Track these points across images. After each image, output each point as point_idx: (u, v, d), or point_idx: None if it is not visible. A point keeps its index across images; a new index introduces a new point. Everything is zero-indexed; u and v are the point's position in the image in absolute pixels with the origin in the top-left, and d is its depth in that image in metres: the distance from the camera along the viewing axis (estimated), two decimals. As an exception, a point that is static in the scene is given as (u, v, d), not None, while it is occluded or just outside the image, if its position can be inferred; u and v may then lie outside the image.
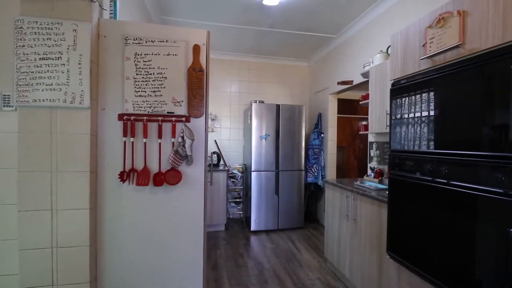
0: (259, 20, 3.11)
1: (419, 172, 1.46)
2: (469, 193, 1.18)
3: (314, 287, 2.33)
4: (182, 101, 1.61)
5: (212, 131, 4.18)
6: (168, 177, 1.58)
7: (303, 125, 3.82)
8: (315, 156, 3.94)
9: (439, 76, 1.36)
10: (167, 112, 1.60)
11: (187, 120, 1.61)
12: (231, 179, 4.01)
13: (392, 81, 1.73)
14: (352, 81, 3.27)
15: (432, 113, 1.39)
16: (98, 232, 1.54)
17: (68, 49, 1.44)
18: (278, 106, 3.69)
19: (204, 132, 1.67)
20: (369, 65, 2.59)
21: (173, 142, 1.59)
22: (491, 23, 1.14)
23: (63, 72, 1.44)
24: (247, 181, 3.87)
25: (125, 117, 1.54)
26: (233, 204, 4.11)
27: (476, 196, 1.15)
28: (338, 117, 4.52)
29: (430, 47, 1.43)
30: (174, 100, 1.61)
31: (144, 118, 1.55)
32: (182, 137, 1.55)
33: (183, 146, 1.55)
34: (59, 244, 1.43)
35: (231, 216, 4.17)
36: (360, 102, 2.73)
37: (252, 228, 3.63)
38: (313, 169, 3.93)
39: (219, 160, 3.87)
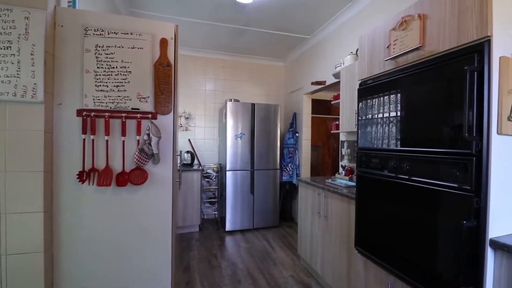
0: (233, 17, 3.08)
1: (384, 169, 1.52)
2: (428, 188, 1.24)
3: (287, 284, 2.35)
4: (148, 97, 1.54)
5: (186, 130, 4.07)
6: (133, 177, 1.50)
7: (278, 124, 3.85)
8: (290, 155, 3.98)
9: (402, 76, 1.41)
10: (132, 108, 1.52)
11: (154, 117, 1.54)
12: (206, 179, 3.94)
13: (360, 81, 1.78)
14: (325, 81, 3.34)
15: (395, 113, 1.44)
16: (54, 236, 1.43)
17: (19, 38, 1.32)
18: (253, 105, 3.68)
19: (172, 129, 1.60)
20: (340, 66, 2.65)
21: (138, 140, 1.51)
22: (448, 26, 1.20)
23: (12, 63, 1.32)
24: (222, 181, 3.82)
25: (84, 113, 1.44)
26: (208, 205, 4.03)
27: (434, 190, 1.21)
28: (313, 117, 4.60)
29: (394, 48, 1.49)
30: (140, 95, 1.53)
31: (106, 114, 1.46)
32: (148, 135, 1.48)
33: (149, 144, 1.48)
34: (9, 251, 1.31)
35: (205, 217, 4.10)
36: (332, 102, 2.79)
37: (227, 228, 3.59)
38: (288, 168, 3.96)
39: (193, 159, 3.78)
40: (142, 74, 1.54)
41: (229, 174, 3.58)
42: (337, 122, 2.67)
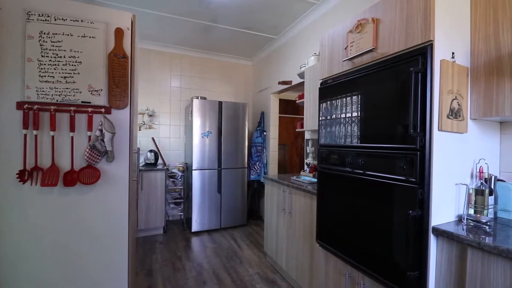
0: (199, 12, 3.01)
1: (342, 164, 1.58)
2: (380, 181, 1.32)
3: (253, 282, 2.35)
4: (101, 89, 1.44)
5: (150, 128, 3.89)
6: (83, 176, 1.39)
7: (247, 123, 3.85)
8: (258, 154, 4.00)
9: (358, 77, 1.48)
10: (82, 102, 1.40)
11: (108, 112, 1.44)
12: (171, 179, 3.80)
13: (321, 80, 1.84)
14: (291, 81, 3.41)
15: (352, 111, 1.51)
16: (-11, 244, 1.27)
17: None
18: (220, 103, 3.63)
19: (128, 125, 1.51)
20: (305, 66, 2.72)
21: (90, 136, 1.40)
22: (398, 30, 1.29)
23: None
24: (188, 181, 3.71)
25: (26, 105, 1.30)
26: (173, 206, 3.90)
27: (385, 183, 1.29)
28: (281, 116, 4.67)
29: (351, 50, 1.56)
30: (91, 88, 1.42)
31: (52, 107, 1.33)
32: (101, 131, 1.38)
33: (102, 140, 1.38)
34: None
35: (170, 218, 3.96)
36: (297, 101, 2.86)
37: (194, 229, 3.50)
38: (256, 167, 3.98)
39: (157, 158, 3.62)
40: (95, 65, 1.43)
41: (195, 174, 3.49)
42: (303, 121, 2.74)
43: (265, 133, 4.06)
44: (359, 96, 1.46)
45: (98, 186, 1.43)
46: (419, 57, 1.16)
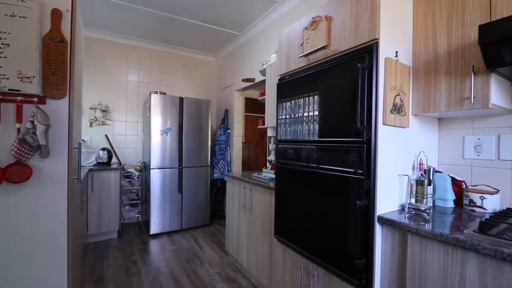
0: (158, 2, 2.86)
1: (297, 159, 1.60)
2: (332, 174, 1.36)
3: (213, 282, 2.29)
4: (34, 76, 1.27)
5: (103, 125, 3.61)
6: (11, 173, 1.22)
7: (210, 120, 3.76)
8: (222, 152, 3.94)
9: (313, 73, 1.51)
10: (10, 90, 1.23)
11: (42, 101, 1.28)
12: (127, 179, 3.56)
13: (279, 76, 1.85)
14: (254, 78, 3.41)
15: (308, 107, 1.54)
16: None
17: None
18: (181, 99, 3.49)
19: (67, 117, 1.36)
20: (267, 63, 2.73)
21: (19, 129, 1.23)
22: (348, 28, 1.33)
23: None
24: (146, 181, 3.51)
25: None
26: (130, 207, 3.66)
27: (337, 176, 1.33)
28: (248, 115, 4.65)
29: (306, 46, 1.59)
30: (21, 74, 1.25)
31: (-32, 94, 1.14)
32: (32, 122, 1.22)
33: (34, 133, 1.22)
34: None
35: (126, 221, 3.71)
36: (258, 98, 2.86)
37: (152, 231, 3.32)
38: (219, 165, 3.91)
39: (110, 157, 3.37)
40: (26, 49, 1.26)
41: (154, 173, 3.31)
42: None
43: (229, 131, 4.01)
44: (314, 92, 1.49)
45: (30, 185, 1.27)
46: (366, 54, 1.21)
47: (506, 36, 0.93)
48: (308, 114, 1.52)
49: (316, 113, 1.47)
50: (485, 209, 1.27)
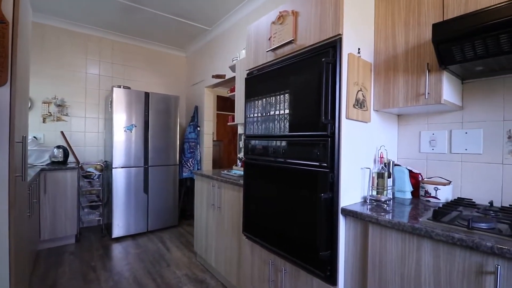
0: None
1: (265, 154, 1.59)
2: (299, 168, 1.36)
3: (180, 284, 2.20)
4: (-37, 59, 1.11)
5: (58, 120, 3.31)
6: None
7: (179, 117, 3.62)
8: (191, 150, 3.82)
9: (280, 67, 1.50)
10: None
11: (-27, 88, 1.12)
12: (86, 180, 3.31)
13: (247, 71, 1.83)
14: (224, 75, 3.35)
15: (275, 102, 1.53)
16: None
17: None
18: (147, 94, 3.32)
19: (8, 107, 1.21)
20: (237, 59, 2.69)
21: None
22: (313, 23, 1.34)
23: None
24: (108, 181, 3.29)
25: None
26: (89, 210, 3.40)
27: (303, 170, 1.34)
28: (220, 113, 4.56)
29: (274, 41, 1.58)
30: None
31: None
32: (-39, 112, 1.06)
33: (-37, 124, 1.06)
34: None
35: (85, 225, 3.45)
36: (228, 95, 2.81)
37: (115, 234, 3.11)
38: (188, 164, 3.79)
39: (67, 156, 3.10)
40: (-48, 26, 1.09)
41: (116, 172, 3.11)
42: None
43: (199, 128, 3.90)
44: (282, 87, 1.48)
45: (-42, 185, 1.10)
46: (330, 49, 1.23)
47: (456, 34, 0.99)
48: (276, 109, 1.51)
49: (284, 108, 1.47)
50: (439, 199, 1.36)
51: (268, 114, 1.57)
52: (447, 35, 1.02)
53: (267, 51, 1.61)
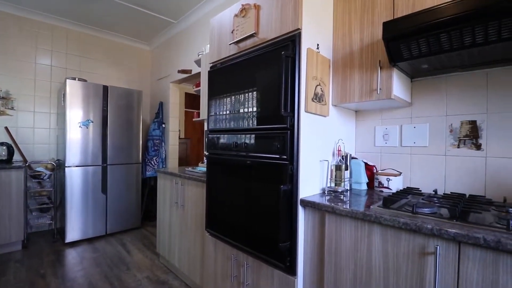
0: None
1: (227, 148, 1.57)
2: (260, 161, 1.36)
3: (141, 287, 2.09)
4: None
5: (2, 115, 2.97)
6: None
7: (142, 113, 3.45)
8: (155, 148, 3.66)
9: (243, 60, 1.49)
10: None
11: None
12: (35, 180, 3.01)
13: (211, 64, 1.79)
14: (191, 70, 3.26)
15: (237, 95, 1.51)
16: None
17: None
18: (106, 87, 3.11)
19: None
20: (203, 53, 2.63)
21: None
22: (274, 17, 1.35)
23: None
24: (61, 181, 3.03)
25: None
26: (38, 213, 3.10)
27: (264, 163, 1.34)
28: (189, 111, 4.41)
29: (236, 34, 1.56)
30: None
31: None
32: None
33: None
34: None
35: (34, 230, 3.14)
36: (193, 89, 2.74)
37: (68, 239, 2.87)
38: (152, 162, 3.63)
39: (11, 154, 2.79)
40: None
41: (70, 172, 2.87)
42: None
43: (164, 125, 3.75)
44: (245, 80, 1.47)
45: None
46: (290, 43, 1.25)
47: (402, 32, 1.06)
48: (239, 102, 1.50)
49: (247, 101, 1.46)
50: (391, 189, 1.44)
51: (231, 107, 1.55)
52: (395, 33, 1.08)
53: (230, 44, 1.59)
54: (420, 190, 1.37)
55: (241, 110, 1.48)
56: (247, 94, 1.45)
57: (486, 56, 1.11)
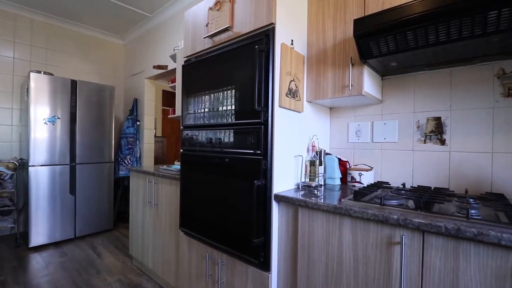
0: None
1: (202, 144, 1.53)
2: (235, 157, 1.34)
3: (111, 291, 1.99)
4: None
5: (-46, 109, 2.71)
6: None
7: (115, 110, 3.30)
8: (129, 146, 3.52)
9: (218, 54, 1.46)
10: None
11: None
12: (-6, 180, 2.78)
13: (185, 58, 1.74)
14: (167, 66, 3.17)
15: (213, 89, 1.48)
16: None
17: None
18: (74, 82, 2.94)
19: None
20: (178, 48, 2.56)
21: None
22: (249, 11, 1.33)
23: None
24: (24, 181, 2.82)
25: None
26: (-2, 216, 2.87)
27: (239, 158, 1.32)
28: (167, 109, 4.27)
29: (211, 27, 1.53)
30: None
31: None
32: None
33: None
34: None
35: (-6, 234, 2.90)
36: (169, 85, 2.66)
37: (33, 243, 2.68)
38: (126, 161, 3.48)
39: (-34, 152, 2.56)
40: None
41: (35, 171, 2.68)
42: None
43: (138, 122, 3.62)
44: (219, 74, 1.44)
45: None
46: (264, 37, 1.24)
47: (371, 30, 1.08)
48: (213, 97, 1.47)
49: (221, 96, 1.43)
50: (362, 183, 1.48)
51: (206, 103, 1.51)
52: (364, 30, 1.10)
53: (205, 38, 1.56)
54: (390, 184, 1.41)
55: (216, 106, 1.45)
56: (222, 89, 1.43)
57: (449, 54, 1.17)
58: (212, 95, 1.47)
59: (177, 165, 2.43)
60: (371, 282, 0.96)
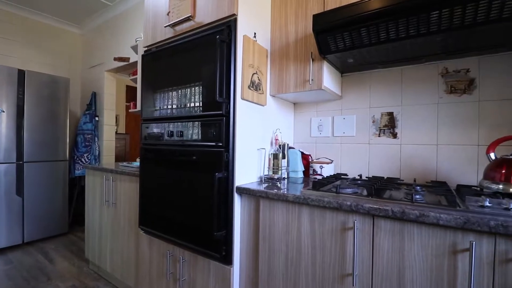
0: None
1: (162, 138, 1.47)
2: (196, 150, 1.30)
3: (63, 299, 1.84)
4: None
5: None
6: None
7: (69, 103, 3.05)
8: (87, 143, 3.28)
9: (179, 44, 1.41)
10: None
11: None
12: None
13: (145, 48, 1.66)
14: (129, 58, 3.00)
15: (173, 80, 1.42)
16: None
17: None
18: (22, 72, 2.66)
19: None
20: (140, 39, 2.44)
21: None
22: (211, 1, 1.31)
23: None
24: (-41, 182, 2.49)
25: None
26: None
27: (200, 151, 1.28)
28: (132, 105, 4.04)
29: (172, 16, 1.48)
30: None
31: None
32: None
33: None
34: None
35: None
36: (130, 78, 2.53)
37: (-31, 251, 2.38)
38: (83, 159, 3.24)
39: None
40: None
41: (-27, 171, 2.38)
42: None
43: (97, 118, 3.39)
44: (181, 65, 1.40)
45: None
46: (225, 28, 1.22)
47: (328, 25, 1.12)
48: (174, 89, 1.42)
49: (182, 88, 1.38)
50: (323, 175, 1.53)
51: (167, 95, 1.46)
52: (322, 25, 1.14)
53: (165, 27, 1.50)
54: (347, 175, 1.48)
55: (177, 98, 1.40)
56: (183, 81, 1.38)
57: (399, 53, 1.25)
58: (174, 87, 1.42)
59: (138, 162, 2.31)
60: (327, 267, 0.99)
